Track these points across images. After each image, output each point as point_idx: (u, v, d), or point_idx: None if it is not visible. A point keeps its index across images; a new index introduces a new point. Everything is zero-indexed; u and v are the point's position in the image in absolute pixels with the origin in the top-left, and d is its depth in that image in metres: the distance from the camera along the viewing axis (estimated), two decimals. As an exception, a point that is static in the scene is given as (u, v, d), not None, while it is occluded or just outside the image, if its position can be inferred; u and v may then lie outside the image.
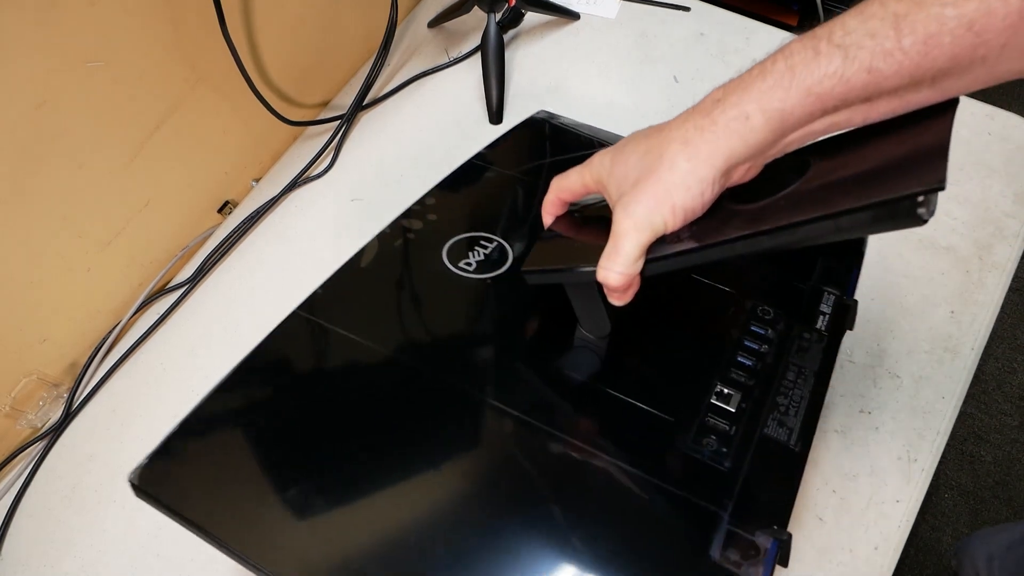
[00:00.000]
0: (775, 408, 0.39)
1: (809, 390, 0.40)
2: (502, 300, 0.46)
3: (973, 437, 1.26)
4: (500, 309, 0.46)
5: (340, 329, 0.44)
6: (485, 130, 0.75)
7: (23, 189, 0.54)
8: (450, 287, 0.46)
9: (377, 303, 0.46)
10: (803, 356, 0.41)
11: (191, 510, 0.37)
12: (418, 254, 0.49)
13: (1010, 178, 0.64)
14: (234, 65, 0.65)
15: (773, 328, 0.43)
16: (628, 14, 0.82)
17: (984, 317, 0.58)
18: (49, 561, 0.56)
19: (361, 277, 0.48)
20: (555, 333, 0.44)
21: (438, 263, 0.48)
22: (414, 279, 0.48)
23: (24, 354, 0.60)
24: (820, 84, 0.28)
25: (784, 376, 0.40)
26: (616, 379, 0.41)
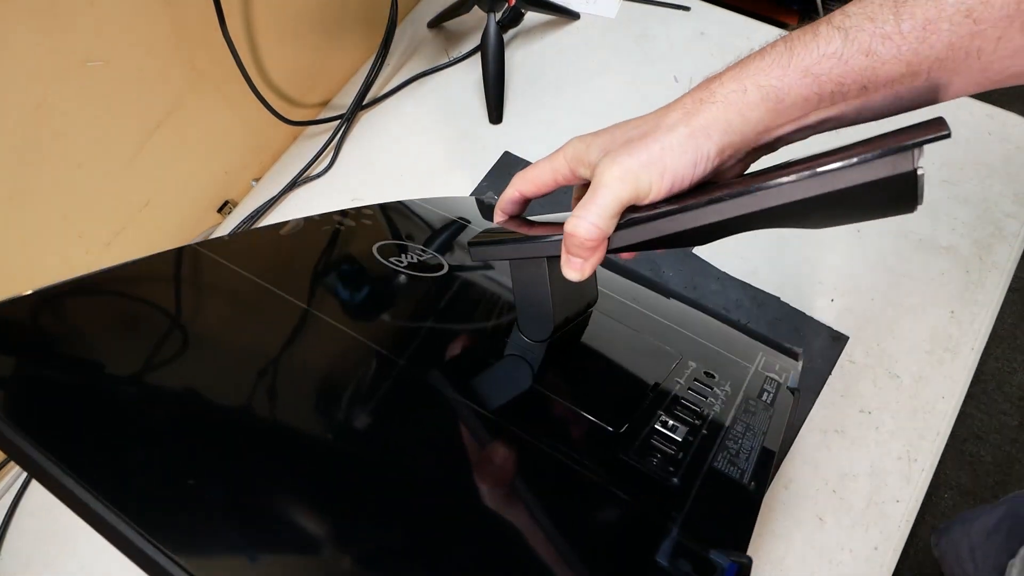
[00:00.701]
0: (725, 449, 0.37)
1: (760, 443, 0.38)
2: (430, 297, 0.42)
3: (973, 437, 1.26)
4: (429, 304, 0.42)
5: (237, 267, 0.38)
6: (485, 130, 0.75)
7: (23, 189, 0.54)
8: (374, 272, 0.42)
9: (288, 260, 0.42)
10: (751, 417, 0.40)
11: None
12: (347, 240, 0.46)
13: (1010, 178, 0.64)
14: (234, 65, 0.64)
15: (719, 388, 0.42)
16: (628, 14, 0.82)
17: (984, 317, 0.58)
18: (49, 561, 0.56)
19: (276, 238, 0.44)
20: (488, 336, 0.41)
21: (366, 254, 0.44)
22: (333, 254, 0.44)
23: (24, 354, 0.60)
24: (818, 64, 0.28)
25: (732, 427, 0.39)
26: (553, 383, 0.37)
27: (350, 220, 0.49)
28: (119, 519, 0.23)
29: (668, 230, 0.31)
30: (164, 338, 0.33)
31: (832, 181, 0.27)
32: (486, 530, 0.29)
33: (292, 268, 0.42)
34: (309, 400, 0.33)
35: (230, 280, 0.38)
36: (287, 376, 0.34)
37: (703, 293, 0.62)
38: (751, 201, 0.29)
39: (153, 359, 0.31)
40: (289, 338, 0.36)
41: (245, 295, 0.37)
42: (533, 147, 0.73)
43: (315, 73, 0.79)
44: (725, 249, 0.64)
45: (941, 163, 0.66)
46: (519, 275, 0.37)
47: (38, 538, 0.57)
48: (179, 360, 0.32)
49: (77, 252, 0.61)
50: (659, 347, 0.44)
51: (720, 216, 0.30)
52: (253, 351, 0.34)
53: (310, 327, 0.37)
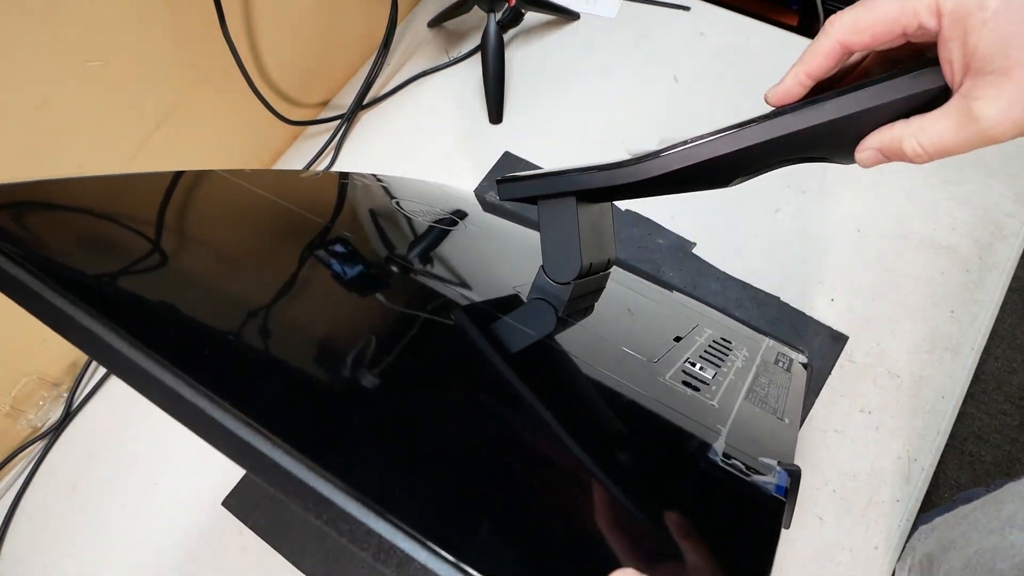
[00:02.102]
0: (753, 392, 0.37)
1: (786, 395, 0.38)
2: (452, 243, 0.42)
3: (973, 437, 1.26)
4: (451, 249, 0.42)
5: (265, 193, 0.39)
6: (485, 130, 0.75)
7: (23, 189, 0.54)
8: (395, 219, 0.42)
9: (309, 194, 0.42)
10: (772, 375, 0.41)
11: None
12: (367, 193, 0.46)
13: (1010, 178, 0.64)
14: (234, 64, 0.64)
15: (737, 351, 0.43)
16: (628, 14, 0.82)
17: (984, 317, 0.58)
18: (49, 561, 0.56)
19: (295, 178, 0.44)
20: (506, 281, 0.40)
21: (388, 205, 0.44)
22: (357, 197, 0.45)
23: (24, 354, 0.60)
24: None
25: (757, 378, 0.39)
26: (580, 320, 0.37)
27: (367, 180, 0.49)
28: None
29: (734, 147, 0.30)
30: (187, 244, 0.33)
31: (880, 95, 0.27)
32: (537, 444, 0.29)
33: (312, 200, 0.41)
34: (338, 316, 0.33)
35: (251, 199, 0.38)
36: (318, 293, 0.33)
37: (703, 293, 0.62)
38: (816, 114, 0.28)
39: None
40: (312, 253, 0.36)
41: (265, 212, 0.38)
42: (533, 147, 0.73)
43: (315, 73, 0.79)
44: (725, 249, 0.64)
45: (941, 163, 0.66)
46: (547, 213, 0.36)
47: (38, 538, 0.57)
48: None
49: (77, 252, 0.61)
50: (674, 313, 0.44)
51: (776, 133, 0.29)
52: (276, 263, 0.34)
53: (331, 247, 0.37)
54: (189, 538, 0.56)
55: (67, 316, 0.23)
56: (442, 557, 0.18)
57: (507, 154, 0.73)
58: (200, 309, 0.28)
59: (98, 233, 0.30)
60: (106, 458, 0.60)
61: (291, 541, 0.54)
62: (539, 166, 0.71)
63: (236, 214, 0.38)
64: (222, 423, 0.20)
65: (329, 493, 0.19)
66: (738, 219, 0.66)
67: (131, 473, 0.59)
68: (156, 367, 0.22)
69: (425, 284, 0.37)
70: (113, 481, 0.59)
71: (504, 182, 0.36)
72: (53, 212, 0.30)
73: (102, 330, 0.22)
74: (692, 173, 0.31)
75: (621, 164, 0.32)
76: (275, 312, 0.30)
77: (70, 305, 0.23)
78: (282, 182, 0.44)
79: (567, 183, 0.34)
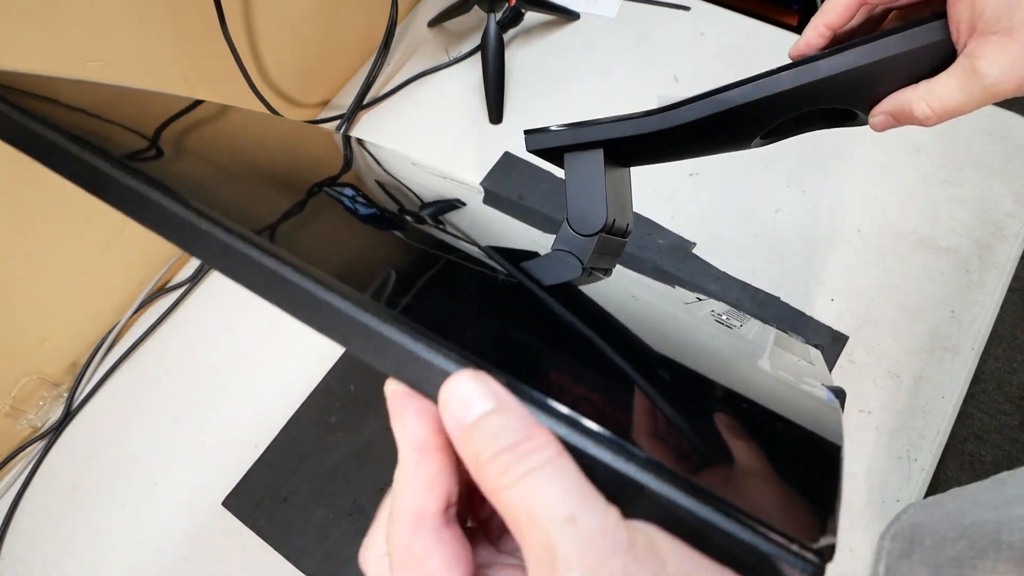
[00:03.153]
0: (779, 342, 0.39)
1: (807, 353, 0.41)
2: (472, 208, 0.42)
3: (973, 437, 1.26)
4: (471, 214, 0.41)
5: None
6: (485, 130, 0.75)
7: (23, 189, 0.54)
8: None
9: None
10: (787, 342, 0.42)
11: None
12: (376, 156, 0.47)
13: (1010, 178, 0.64)
14: (234, 64, 0.64)
15: (750, 323, 0.44)
16: (628, 14, 0.82)
17: (984, 317, 0.58)
18: (49, 561, 0.56)
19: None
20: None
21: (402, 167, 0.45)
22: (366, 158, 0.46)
23: (24, 354, 0.60)
24: None
25: (777, 340, 0.42)
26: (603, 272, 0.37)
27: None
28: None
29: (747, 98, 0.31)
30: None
31: (891, 46, 0.28)
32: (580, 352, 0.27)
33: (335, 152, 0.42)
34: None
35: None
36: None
37: (703, 293, 0.62)
38: (841, 61, 0.29)
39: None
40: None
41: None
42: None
43: (315, 73, 0.79)
44: (725, 249, 0.64)
45: (941, 163, 0.66)
46: (573, 165, 0.37)
47: (38, 538, 0.57)
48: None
49: (77, 252, 0.61)
50: (682, 294, 0.44)
51: (801, 80, 0.29)
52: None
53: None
54: (189, 538, 0.56)
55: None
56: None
57: (507, 154, 0.73)
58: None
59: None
60: (106, 458, 0.60)
61: (291, 541, 0.54)
62: (540, 166, 0.71)
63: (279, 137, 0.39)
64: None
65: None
66: (738, 219, 0.66)
67: (131, 473, 0.59)
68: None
69: (444, 232, 0.37)
70: (113, 481, 0.59)
71: (532, 132, 0.37)
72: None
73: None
74: (718, 123, 0.32)
75: (649, 112, 0.33)
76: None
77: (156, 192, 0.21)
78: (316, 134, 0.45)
79: (595, 133, 0.34)
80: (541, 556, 0.15)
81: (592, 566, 0.14)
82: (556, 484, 0.15)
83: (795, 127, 0.33)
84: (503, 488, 0.16)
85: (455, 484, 0.18)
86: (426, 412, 0.18)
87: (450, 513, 0.18)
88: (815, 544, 0.15)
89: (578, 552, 0.14)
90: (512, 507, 0.15)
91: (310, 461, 0.57)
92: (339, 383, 0.60)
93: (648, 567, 0.14)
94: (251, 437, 0.59)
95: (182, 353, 0.65)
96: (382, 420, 0.63)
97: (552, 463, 0.16)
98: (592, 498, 0.15)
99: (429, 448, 0.18)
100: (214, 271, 0.69)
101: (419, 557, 0.17)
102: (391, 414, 0.18)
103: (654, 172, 0.54)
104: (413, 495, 0.18)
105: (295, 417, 0.59)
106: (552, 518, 0.15)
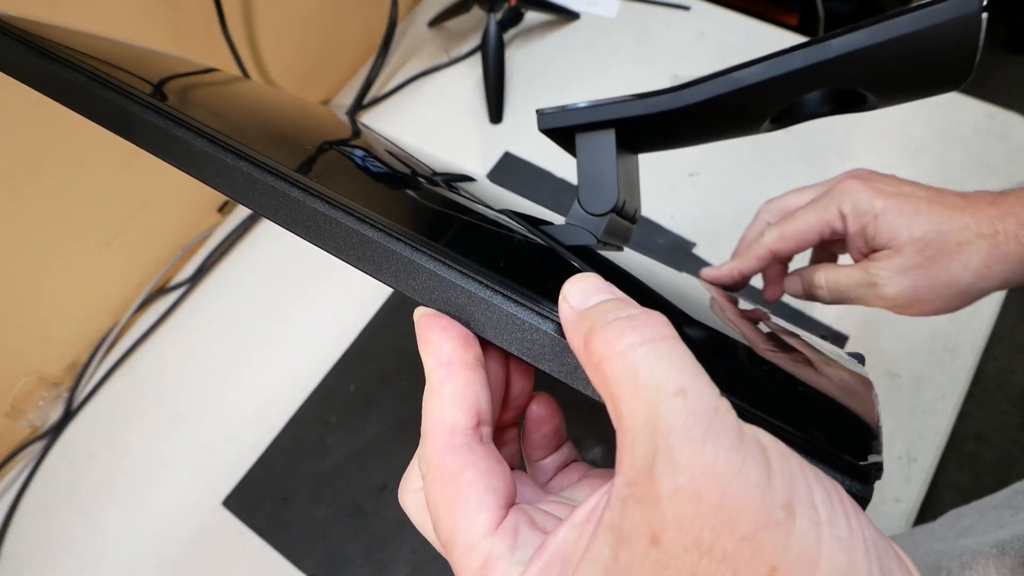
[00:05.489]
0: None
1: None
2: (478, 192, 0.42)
3: (973, 437, 1.26)
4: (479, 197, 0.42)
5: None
6: (485, 130, 0.75)
7: (23, 189, 0.54)
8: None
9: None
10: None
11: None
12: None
13: (1010, 178, 0.64)
14: (235, 64, 0.65)
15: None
16: (628, 14, 0.82)
17: (984, 317, 0.58)
18: (49, 561, 0.56)
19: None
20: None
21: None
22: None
23: (24, 354, 0.60)
24: None
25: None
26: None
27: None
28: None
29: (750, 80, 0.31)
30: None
31: (902, 25, 0.28)
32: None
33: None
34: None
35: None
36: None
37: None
38: (838, 45, 0.29)
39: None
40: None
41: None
42: (534, 147, 0.73)
43: (315, 73, 0.79)
44: (725, 249, 0.64)
45: (941, 163, 0.66)
46: (585, 145, 0.37)
47: (38, 538, 0.57)
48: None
49: (77, 252, 0.61)
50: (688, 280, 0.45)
51: (803, 63, 0.30)
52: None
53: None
54: (189, 538, 0.56)
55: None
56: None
57: (507, 154, 0.73)
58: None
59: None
60: (106, 458, 0.60)
61: (291, 541, 0.54)
62: (540, 166, 0.71)
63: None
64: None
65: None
66: (738, 219, 0.66)
67: (131, 473, 0.59)
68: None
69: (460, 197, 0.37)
70: (113, 481, 0.59)
71: (544, 112, 0.37)
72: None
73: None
74: (729, 103, 0.32)
75: (660, 92, 0.33)
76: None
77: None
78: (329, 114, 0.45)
79: (607, 112, 0.34)
80: (641, 430, 0.14)
81: (696, 440, 0.13)
82: (670, 357, 0.14)
83: (805, 111, 0.33)
84: (611, 356, 0.15)
85: (485, 401, 0.18)
86: (452, 329, 0.18)
87: (482, 431, 0.18)
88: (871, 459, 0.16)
89: (685, 423, 0.13)
90: (616, 377, 0.14)
91: (310, 461, 0.57)
92: (339, 383, 0.60)
93: (753, 455, 0.13)
94: (251, 437, 0.59)
95: (182, 353, 0.65)
96: (382, 420, 0.63)
97: (668, 340, 0.15)
98: (706, 379, 0.14)
99: (455, 362, 0.18)
100: (214, 270, 0.69)
101: (452, 471, 0.17)
102: (418, 338, 0.19)
103: (654, 172, 0.54)
104: (442, 410, 0.17)
105: (295, 417, 0.59)
106: (662, 386, 0.14)
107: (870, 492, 0.16)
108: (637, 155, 0.40)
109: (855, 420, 0.19)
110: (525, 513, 0.17)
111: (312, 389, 0.60)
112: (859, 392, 0.22)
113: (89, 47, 0.29)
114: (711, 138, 0.35)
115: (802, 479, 0.14)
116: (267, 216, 0.20)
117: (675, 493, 0.13)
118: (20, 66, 0.23)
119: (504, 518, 0.16)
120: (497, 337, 0.18)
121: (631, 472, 0.14)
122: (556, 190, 0.70)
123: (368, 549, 0.53)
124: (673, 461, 0.13)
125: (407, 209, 0.25)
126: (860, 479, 0.16)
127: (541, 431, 0.22)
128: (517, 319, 0.18)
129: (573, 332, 0.16)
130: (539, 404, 0.22)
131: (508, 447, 0.22)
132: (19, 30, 0.24)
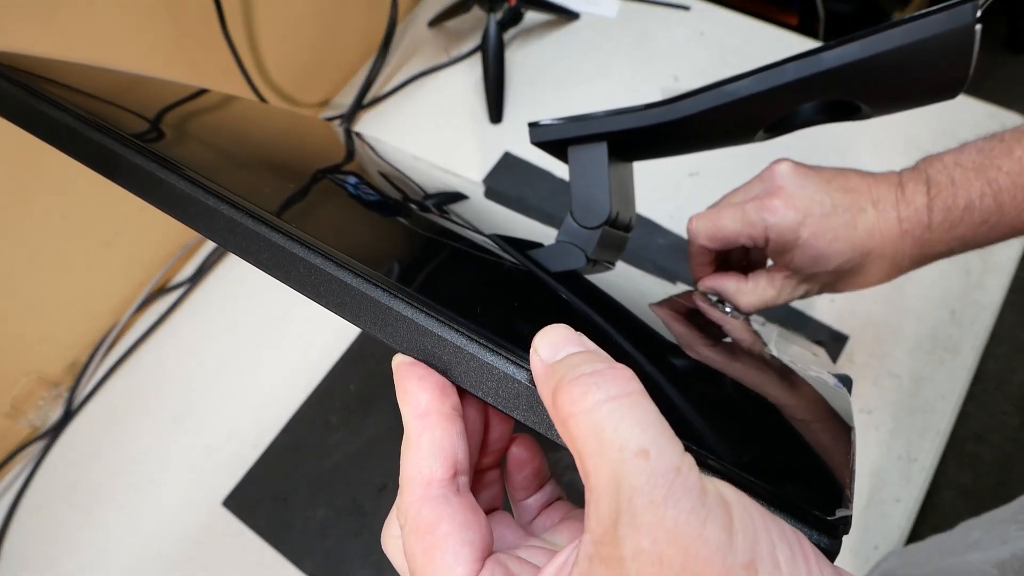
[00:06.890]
0: (783, 335, 0.41)
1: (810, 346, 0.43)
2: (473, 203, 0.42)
3: (973, 437, 1.26)
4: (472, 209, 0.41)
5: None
6: (485, 130, 0.75)
7: (23, 189, 0.54)
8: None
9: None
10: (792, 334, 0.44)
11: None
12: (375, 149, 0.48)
13: (1010, 178, 0.64)
14: (234, 64, 0.65)
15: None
16: (628, 14, 0.82)
17: (984, 317, 0.58)
18: (49, 561, 0.56)
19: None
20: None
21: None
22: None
23: (24, 353, 0.60)
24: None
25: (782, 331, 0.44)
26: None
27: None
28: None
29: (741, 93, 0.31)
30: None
31: (895, 38, 0.27)
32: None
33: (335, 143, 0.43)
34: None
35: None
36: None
37: (703, 293, 0.62)
38: (831, 58, 0.29)
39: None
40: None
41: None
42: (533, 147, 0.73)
43: (315, 72, 0.79)
44: (725, 249, 0.64)
45: (941, 163, 0.66)
46: (577, 158, 0.37)
47: (38, 538, 0.57)
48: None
49: (77, 251, 0.61)
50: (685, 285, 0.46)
51: (796, 75, 0.30)
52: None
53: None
54: (189, 538, 0.56)
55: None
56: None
57: (507, 154, 0.73)
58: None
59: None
60: (106, 458, 0.60)
61: (291, 541, 0.54)
62: (540, 167, 0.71)
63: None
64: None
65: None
66: (738, 219, 0.66)
67: (131, 473, 0.59)
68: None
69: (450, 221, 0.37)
70: (113, 481, 0.59)
71: (536, 125, 0.37)
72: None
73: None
74: (722, 116, 0.32)
75: (653, 105, 0.33)
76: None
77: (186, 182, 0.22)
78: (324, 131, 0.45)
79: (599, 125, 0.34)
80: (605, 488, 0.14)
81: (658, 503, 0.13)
82: (633, 416, 0.14)
83: (799, 120, 0.33)
84: (577, 414, 0.15)
85: (462, 452, 0.18)
86: (429, 380, 0.18)
87: (459, 482, 0.18)
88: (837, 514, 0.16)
89: (647, 485, 0.13)
90: (582, 435, 0.15)
91: (310, 461, 0.57)
92: (339, 383, 0.60)
93: (714, 516, 0.13)
94: (251, 437, 0.59)
95: (182, 353, 0.65)
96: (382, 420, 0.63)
97: (633, 396, 0.15)
98: (669, 438, 0.14)
99: (431, 413, 0.18)
100: (215, 270, 0.69)
101: (429, 523, 0.17)
102: (396, 388, 0.19)
103: (654, 172, 0.54)
104: (419, 462, 0.17)
105: (295, 417, 0.59)
106: (624, 446, 0.14)
107: (838, 546, 0.16)
108: (631, 163, 0.40)
109: (826, 474, 0.20)
110: (501, 564, 0.17)
111: (312, 389, 0.60)
112: (835, 441, 0.22)
113: (77, 80, 0.29)
114: (705, 147, 0.35)
115: (765, 536, 0.14)
116: (248, 260, 0.20)
117: (638, 555, 0.13)
118: (7, 105, 0.23)
119: (480, 571, 0.17)
120: (473, 386, 0.18)
121: (597, 530, 0.14)
122: (556, 190, 0.70)
123: (368, 549, 0.53)
124: (635, 523, 0.13)
125: (390, 248, 0.25)
126: (828, 533, 0.16)
127: (523, 473, 0.23)
128: (492, 369, 0.18)
129: (543, 386, 0.16)
130: (520, 447, 0.23)
131: (491, 488, 0.23)
132: (6, 67, 0.24)
